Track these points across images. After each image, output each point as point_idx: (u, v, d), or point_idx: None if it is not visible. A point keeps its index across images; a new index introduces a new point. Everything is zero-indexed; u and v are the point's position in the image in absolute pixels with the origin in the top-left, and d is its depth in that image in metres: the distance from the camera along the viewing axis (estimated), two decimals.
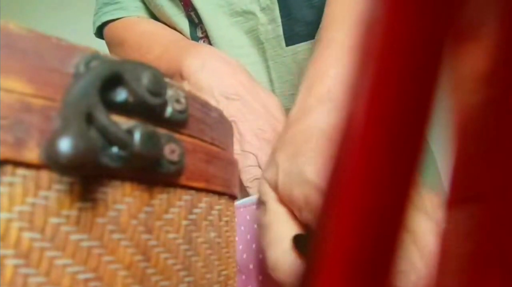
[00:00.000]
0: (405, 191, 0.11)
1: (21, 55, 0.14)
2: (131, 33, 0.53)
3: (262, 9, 0.47)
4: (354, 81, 0.11)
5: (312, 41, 0.46)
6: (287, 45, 0.47)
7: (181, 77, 0.43)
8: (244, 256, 0.41)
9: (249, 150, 0.39)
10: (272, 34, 0.47)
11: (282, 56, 0.48)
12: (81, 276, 0.15)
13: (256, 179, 0.39)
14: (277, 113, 0.41)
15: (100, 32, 0.58)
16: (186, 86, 0.41)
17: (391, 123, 0.11)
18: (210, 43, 0.50)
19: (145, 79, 0.16)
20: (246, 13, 0.48)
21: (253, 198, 0.39)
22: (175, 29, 0.53)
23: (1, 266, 0.13)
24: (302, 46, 0.47)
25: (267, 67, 0.49)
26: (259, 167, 0.39)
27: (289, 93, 0.49)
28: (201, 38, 0.51)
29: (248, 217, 0.41)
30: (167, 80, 0.18)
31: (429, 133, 0.11)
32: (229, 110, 0.39)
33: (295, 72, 0.48)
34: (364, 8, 0.11)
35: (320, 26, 0.39)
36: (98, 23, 0.56)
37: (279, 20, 0.47)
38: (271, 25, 0.47)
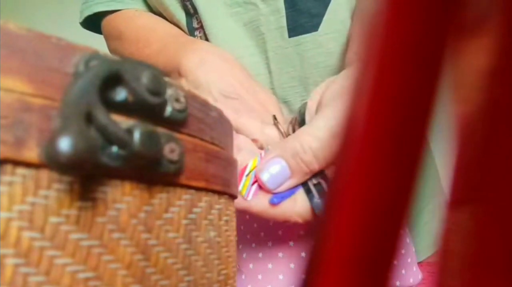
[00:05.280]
0: (406, 190, 0.11)
1: (20, 55, 0.14)
2: (129, 26, 0.52)
3: (264, 0, 0.47)
4: (356, 79, 0.11)
5: (315, 33, 0.46)
6: (290, 36, 0.47)
7: (179, 74, 0.42)
8: (244, 255, 0.41)
9: None
10: (274, 24, 0.47)
11: (284, 48, 0.47)
12: (81, 275, 0.15)
13: None
14: (275, 111, 0.40)
15: (87, 22, 0.56)
16: (184, 83, 0.41)
17: (393, 122, 0.11)
18: (205, 34, 0.49)
19: (145, 78, 0.16)
20: (246, 4, 0.47)
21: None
22: (172, 20, 0.52)
23: (1, 265, 0.13)
24: (305, 38, 0.46)
25: (267, 58, 0.48)
26: None
27: (288, 85, 0.48)
28: (196, 29, 0.50)
29: (247, 216, 0.41)
30: (166, 79, 0.18)
31: (430, 132, 0.11)
32: (227, 109, 0.39)
33: (296, 64, 0.47)
34: (367, 7, 0.11)
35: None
36: (88, 13, 0.54)
37: (283, 11, 0.46)
38: (274, 15, 0.47)
